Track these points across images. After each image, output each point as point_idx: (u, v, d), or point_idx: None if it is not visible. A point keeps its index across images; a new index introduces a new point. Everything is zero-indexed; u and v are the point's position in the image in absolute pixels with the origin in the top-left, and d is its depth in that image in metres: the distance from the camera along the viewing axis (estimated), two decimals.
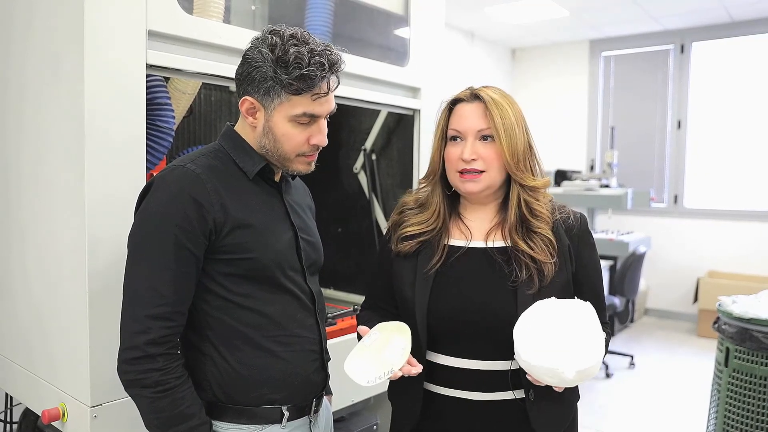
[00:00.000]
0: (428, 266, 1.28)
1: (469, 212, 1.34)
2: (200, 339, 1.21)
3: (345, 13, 2.02)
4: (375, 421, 2.19)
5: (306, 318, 1.28)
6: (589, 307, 1.17)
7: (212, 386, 1.20)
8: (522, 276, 1.23)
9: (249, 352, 1.20)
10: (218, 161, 1.23)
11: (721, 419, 2.34)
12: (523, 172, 1.26)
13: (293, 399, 1.26)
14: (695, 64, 5.93)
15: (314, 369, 1.29)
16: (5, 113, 1.65)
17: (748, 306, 2.30)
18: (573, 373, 1.10)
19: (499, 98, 1.26)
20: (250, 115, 1.21)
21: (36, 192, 1.54)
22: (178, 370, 1.14)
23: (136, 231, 1.16)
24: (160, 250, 1.12)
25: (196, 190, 1.14)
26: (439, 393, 1.28)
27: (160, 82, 1.63)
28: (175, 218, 1.12)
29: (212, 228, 1.15)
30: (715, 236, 5.75)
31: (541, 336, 1.13)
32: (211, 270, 1.18)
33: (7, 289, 1.70)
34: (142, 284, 1.12)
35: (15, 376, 1.68)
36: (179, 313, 1.14)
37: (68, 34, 1.35)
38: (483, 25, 5.90)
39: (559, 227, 1.29)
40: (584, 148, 6.51)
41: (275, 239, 1.23)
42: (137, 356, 1.10)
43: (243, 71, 1.20)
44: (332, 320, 1.96)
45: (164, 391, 1.11)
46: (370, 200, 2.46)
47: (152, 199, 1.15)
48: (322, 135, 1.23)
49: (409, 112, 2.18)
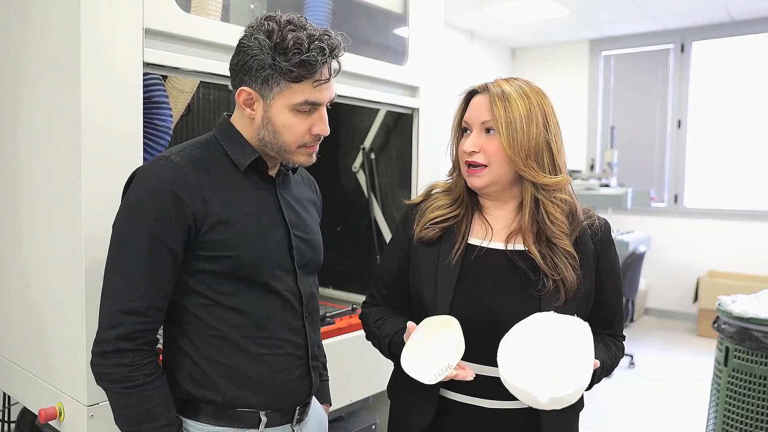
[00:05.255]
0: (449, 258, 1.23)
1: (490, 210, 1.29)
2: (179, 335, 1.18)
3: (344, 11, 2.02)
4: (374, 420, 2.19)
5: (292, 321, 1.22)
6: (586, 329, 1.11)
7: (187, 383, 1.17)
8: (549, 286, 1.18)
9: (227, 352, 1.16)
10: (208, 153, 1.18)
11: (720, 418, 2.34)
12: (532, 168, 1.19)
13: (273, 404, 1.21)
14: (695, 64, 5.92)
15: (298, 375, 1.24)
16: (3, 112, 1.65)
17: (747, 305, 2.30)
18: (546, 399, 1.04)
19: (511, 91, 1.20)
20: (248, 107, 1.16)
21: (33, 191, 1.53)
22: (149, 368, 1.11)
23: (115, 223, 1.13)
24: (136, 244, 1.09)
25: (177, 184, 1.10)
26: (452, 398, 1.24)
27: (157, 81, 1.63)
28: (153, 212, 1.08)
29: (192, 223, 1.10)
30: (715, 236, 5.74)
31: (522, 354, 1.08)
32: (192, 266, 1.14)
33: (3, 288, 1.70)
34: (116, 278, 1.10)
35: (12, 375, 1.68)
36: (154, 309, 1.11)
37: (65, 32, 1.34)
38: (483, 24, 5.89)
39: (585, 233, 1.25)
40: (584, 148, 6.50)
41: (263, 237, 1.18)
42: (107, 350, 1.08)
43: (238, 60, 1.14)
44: (330, 319, 1.96)
45: (132, 388, 1.09)
46: (368, 199, 2.45)
47: (132, 191, 1.12)
48: (324, 124, 1.17)
49: (408, 111, 2.18)
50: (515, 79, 1.25)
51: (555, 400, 1.05)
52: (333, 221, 2.58)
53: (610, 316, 1.31)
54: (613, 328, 1.33)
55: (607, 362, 1.25)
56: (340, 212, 2.57)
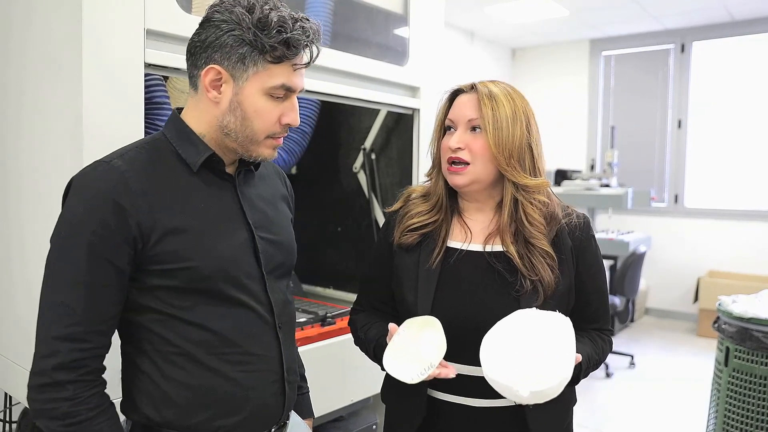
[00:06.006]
0: (429, 262, 1.26)
1: (469, 212, 1.32)
2: (137, 353, 1.06)
3: (344, 12, 2.02)
4: (374, 420, 2.19)
5: (263, 333, 1.11)
6: (567, 324, 1.13)
7: (147, 407, 1.05)
8: (526, 286, 1.20)
9: (192, 371, 1.04)
10: (155, 153, 1.06)
11: (720, 419, 2.34)
12: (514, 168, 1.22)
13: (245, 426, 1.09)
14: (696, 64, 5.93)
15: (273, 392, 1.12)
16: (4, 112, 1.65)
17: (748, 305, 2.30)
18: (527, 393, 1.06)
19: (498, 92, 1.23)
20: (214, 88, 1.04)
21: (35, 191, 1.54)
22: (93, 400, 0.98)
23: (51, 239, 1.01)
24: (73, 261, 0.96)
25: (117, 192, 0.98)
26: (440, 399, 1.26)
27: (159, 82, 1.63)
28: (91, 224, 0.96)
29: (137, 235, 0.98)
30: (715, 236, 5.74)
31: (504, 350, 1.10)
32: (144, 283, 1.02)
33: (5, 288, 1.70)
34: (52, 301, 0.97)
35: (14, 375, 1.68)
36: (96, 333, 0.98)
37: (67, 33, 1.34)
38: (483, 24, 5.90)
39: (563, 229, 1.27)
40: (584, 148, 6.51)
41: (222, 243, 1.06)
42: (43, 383, 0.95)
43: (207, 36, 1.02)
44: (331, 320, 1.96)
45: (74, 424, 0.96)
46: (369, 199, 2.46)
47: (68, 202, 1.01)
48: (296, 113, 1.08)
49: (409, 111, 2.18)
50: (497, 81, 1.29)
51: (536, 393, 1.07)
52: (333, 221, 2.58)
53: (595, 311, 1.33)
54: (598, 322, 1.34)
55: (594, 356, 1.27)
56: (341, 212, 2.57)
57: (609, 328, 1.36)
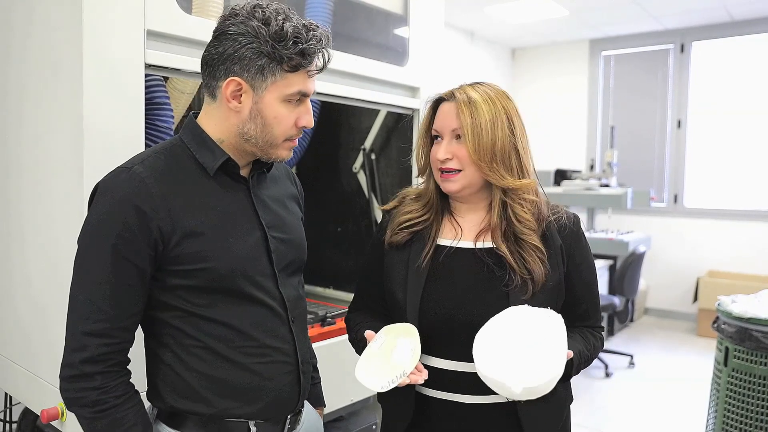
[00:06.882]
0: (419, 260, 1.27)
1: (460, 212, 1.33)
2: (160, 347, 1.14)
3: (344, 12, 2.02)
4: (374, 420, 2.19)
5: (277, 327, 1.18)
6: (559, 321, 1.14)
7: (171, 397, 1.13)
8: (516, 281, 1.21)
9: (212, 363, 1.12)
10: (173, 159, 1.12)
11: (720, 419, 2.34)
12: (496, 172, 1.22)
13: (263, 414, 1.17)
14: (695, 64, 5.93)
15: (288, 382, 1.19)
16: (5, 113, 1.65)
17: (747, 305, 2.31)
18: (520, 389, 1.07)
19: (476, 97, 1.22)
20: (234, 99, 1.09)
21: (36, 191, 1.54)
22: (119, 389, 1.06)
23: (79, 240, 1.08)
24: (98, 262, 1.04)
25: (140, 197, 1.04)
26: (431, 396, 1.27)
27: (159, 82, 1.63)
28: (115, 228, 1.03)
29: (158, 237, 1.05)
30: (715, 236, 5.75)
31: (496, 347, 1.11)
32: (166, 282, 1.09)
33: (6, 287, 1.70)
34: (80, 298, 1.05)
35: (15, 375, 1.68)
36: (121, 329, 1.06)
37: (67, 33, 1.35)
38: (483, 24, 5.90)
39: (551, 227, 1.28)
40: (584, 148, 6.51)
41: (237, 243, 1.13)
42: (74, 374, 1.04)
43: (225, 49, 1.07)
44: (331, 320, 1.97)
45: (102, 411, 1.04)
46: (369, 200, 2.46)
47: (94, 206, 1.08)
48: (310, 116, 1.15)
49: (409, 111, 2.18)
50: (480, 84, 1.28)
51: (528, 390, 1.08)
52: (333, 222, 2.59)
53: (586, 309, 1.34)
54: (590, 319, 1.35)
55: (585, 353, 1.27)
56: (341, 213, 2.57)
57: (600, 325, 1.37)
